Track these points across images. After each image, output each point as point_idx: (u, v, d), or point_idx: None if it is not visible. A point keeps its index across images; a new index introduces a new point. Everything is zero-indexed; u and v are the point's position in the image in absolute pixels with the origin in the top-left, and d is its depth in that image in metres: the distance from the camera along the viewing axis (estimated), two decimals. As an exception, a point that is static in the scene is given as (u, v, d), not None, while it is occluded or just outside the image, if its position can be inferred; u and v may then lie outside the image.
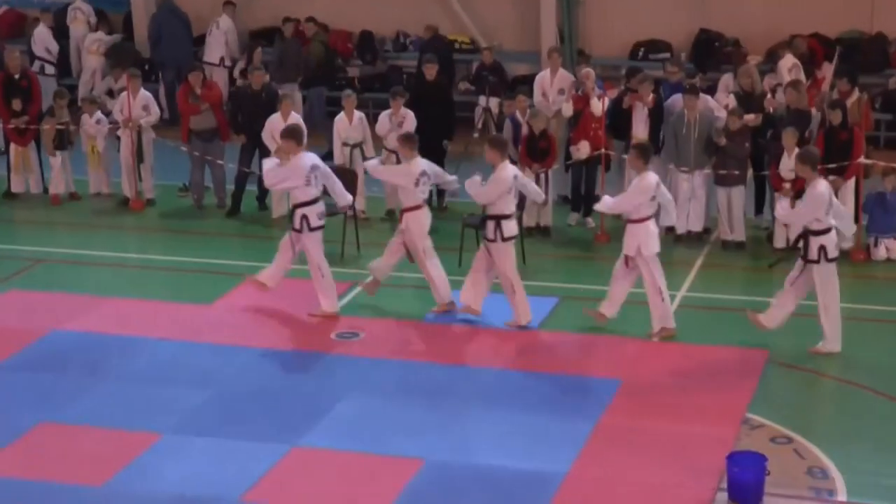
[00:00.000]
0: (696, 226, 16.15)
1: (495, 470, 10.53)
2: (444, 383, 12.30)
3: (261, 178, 15.32)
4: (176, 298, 14.63)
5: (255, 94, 17.64)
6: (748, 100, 16.58)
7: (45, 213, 18.24)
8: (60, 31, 22.93)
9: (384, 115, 16.93)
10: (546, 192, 16.12)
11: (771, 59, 19.10)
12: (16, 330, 13.59)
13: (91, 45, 22.68)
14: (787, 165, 15.19)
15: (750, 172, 16.18)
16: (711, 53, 20.69)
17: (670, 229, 15.93)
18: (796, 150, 14.54)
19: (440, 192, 17.15)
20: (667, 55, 20.56)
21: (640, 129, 16.42)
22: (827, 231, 12.47)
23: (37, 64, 22.04)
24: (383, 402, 11.85)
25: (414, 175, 13.70)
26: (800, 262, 12.72)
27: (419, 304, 14.15)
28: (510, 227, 13.40)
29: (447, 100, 17.84)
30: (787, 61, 18.45)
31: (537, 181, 15.94)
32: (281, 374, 12.57)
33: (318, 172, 13.75)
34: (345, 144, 17.03)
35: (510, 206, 13.41)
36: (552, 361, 12.78)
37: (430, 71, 17.88)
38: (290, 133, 13.88)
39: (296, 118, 16.70)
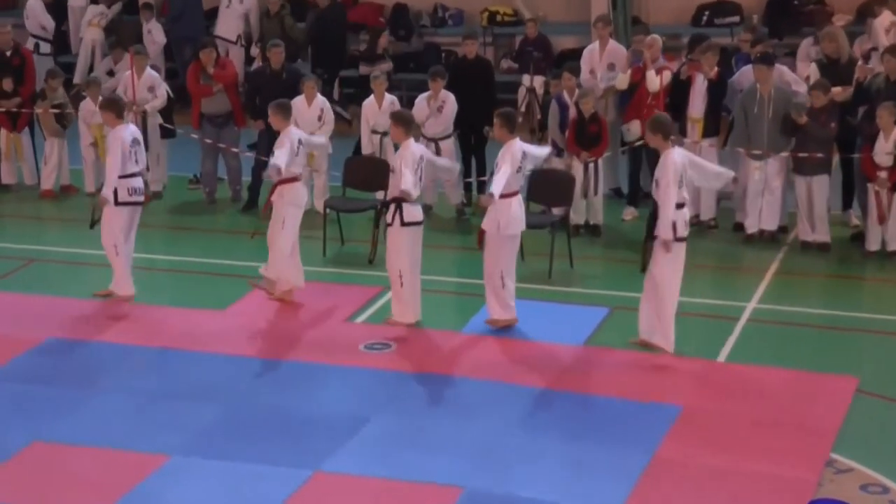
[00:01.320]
0: (771, 224, 14.93)
1: None
2: (482, 402, 11.61)
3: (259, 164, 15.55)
4: (184, 303, 13.96)
5: (275, 75, 16.71)
6: (834, 69, 15.19)
7: (38, 207, 17.39)
8: (58, 6, 22.15)
9: (421, 99, 16.15)
10: (596, 184, 15.37)
11: (862, 19, 18.08)
12: (6, 337, 12.92)
13: (92, 18, 21.70)
14: (884, 149, 13.98)
15: (836, 159, 14.93)
16: (789, 14, 19.81)
17: (739, 227, 15.02)
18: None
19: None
20: (736, 19, 19.90)
21: (696, 106, 15.35)
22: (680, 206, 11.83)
23: (31, 42, 21.13)
24: (415, 422, 11.17)
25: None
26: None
27: (456, 313, 13.70)
28: (412, 212, 12.88)
29: (489, 80, 17.05)
30: (884, 20, 17.12)
31: (586, 171, 15.22)
32: (302, 390, 11.78)
33: (139, 147, 13.54)
34: (374, 132, 16.16)
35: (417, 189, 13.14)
36: (601, 382, 11.92)
37: (471, 48, 17.07)
38: (109, 104, 13.69)
39: (321, 102, 16.13)
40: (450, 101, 16.00)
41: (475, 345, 12.81)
